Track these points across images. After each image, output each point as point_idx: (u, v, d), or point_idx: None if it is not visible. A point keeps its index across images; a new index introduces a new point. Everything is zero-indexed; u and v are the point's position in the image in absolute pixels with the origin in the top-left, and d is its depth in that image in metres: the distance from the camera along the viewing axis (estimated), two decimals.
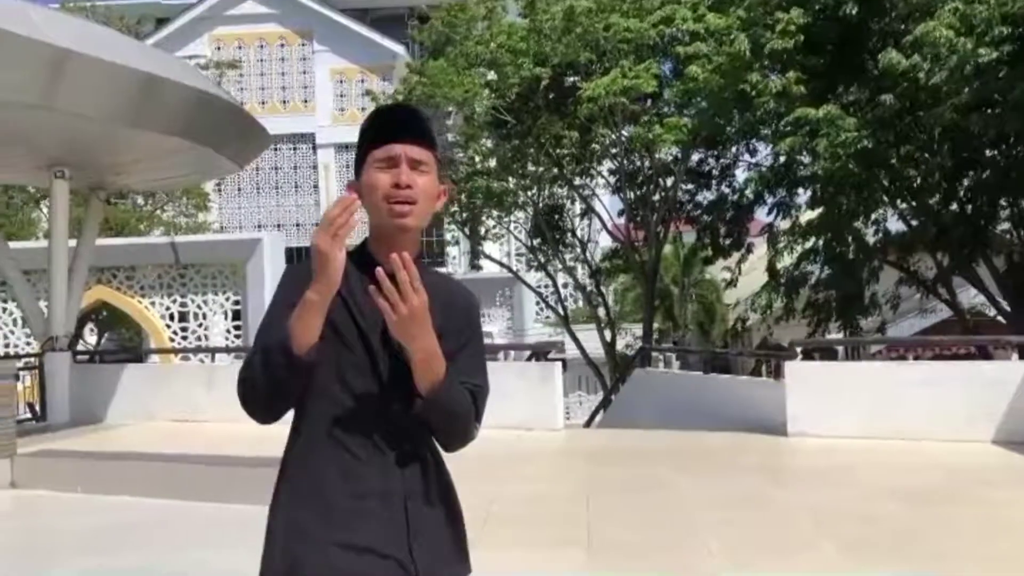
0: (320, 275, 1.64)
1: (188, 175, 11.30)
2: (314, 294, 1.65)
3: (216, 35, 28.11)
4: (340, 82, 28.16)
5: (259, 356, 1.69)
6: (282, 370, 1.66)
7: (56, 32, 7.39)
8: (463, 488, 6.03)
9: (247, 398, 1.75)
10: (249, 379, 1.73)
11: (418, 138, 1.82)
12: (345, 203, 1.65)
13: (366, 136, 1.84)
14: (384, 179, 1.75)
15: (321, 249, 1.64)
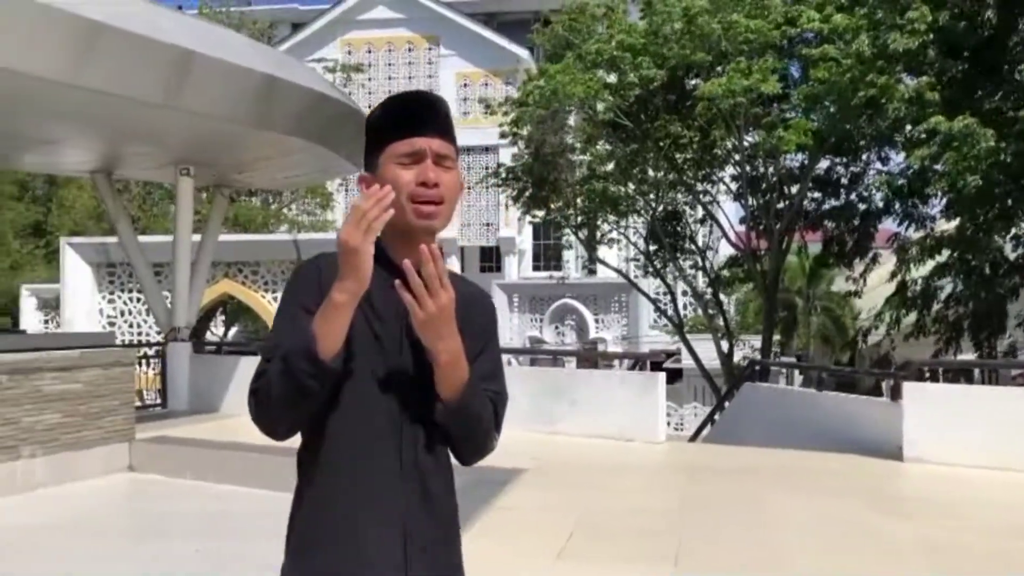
0: (349, 273, 1.51)
1: (308, 174, 11.60)
2: (342, 294, 1.51)
3: (347, 39, 28.92)
4: (464, 86, 28.48)
5: (278, 364, 1.53)
6: (306, 378, 1.51)
7: (181, 34, 7.67)
8: (555, 497, 5.95)
9: (261, 412, 1.58)
10: (263, 390, 1.56)
11: (442, 131, 1.68)
12: (378, 195, 1.52)
13: (383, 128, 1.68)
14: (407, 176, 1.62)
15: (351, 245, 1.50)
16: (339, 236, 1.52)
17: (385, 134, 1.66)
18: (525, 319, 25.78)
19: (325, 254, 1.68)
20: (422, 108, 1.69)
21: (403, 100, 1.71)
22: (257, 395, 1.58)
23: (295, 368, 1.51)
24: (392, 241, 1.64)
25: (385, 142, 1.65)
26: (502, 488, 6.20)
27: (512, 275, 27.94)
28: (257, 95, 8.37)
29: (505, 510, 5.68)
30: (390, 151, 1.64)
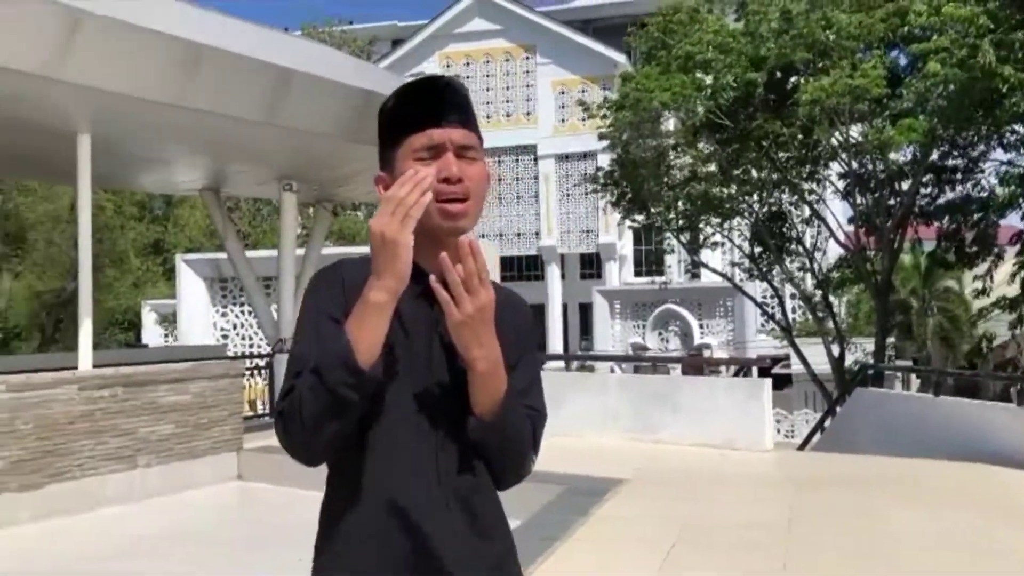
0: (387, 268, 1.35)
1: None
2: (381, 293, 1.35)
3: (445, 53, 29.31)
4: (562, 93, 28.48)
5: (309, 378, 1.36)
6: (344, 389, 1.34)
7: (279, 52, 7.86)
8: (657, 507, 5.77)
9: (293, 433, 1.39)
10: (293, 410, 1.38)
11: (463, 119, 1.51)
12: (415, 179, 1.36)
13: (397, 120, 1.51)
14: (431, 172, 1.43)
15: (388, 236, 1.34)
16: (372, 228, 1.36)
17: (400, 127, 1.50)
18: (627, 326, 25.53)
19: (346, 260, 1.54)
20: (438, 95, 1.51)
21: (417, 88, 1.53)
22: (285, 416, 1.39)
23: (331, 380, 1.34)
24: (418, 247, 1.40)
25: (401, 136, 1.49)
26: (602, 498, 6.09)
27: (613, 281, 27.72)
28: (354, 110, 8.49)
29: (605, 520, 5.57)
30: (407, 145, 1.48)
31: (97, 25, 6.54)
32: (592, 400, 8.76)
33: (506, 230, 29.23)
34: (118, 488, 7.53)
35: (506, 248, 28.94)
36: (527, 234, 29.17)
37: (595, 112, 16.98)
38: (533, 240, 28.98)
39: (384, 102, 1.55)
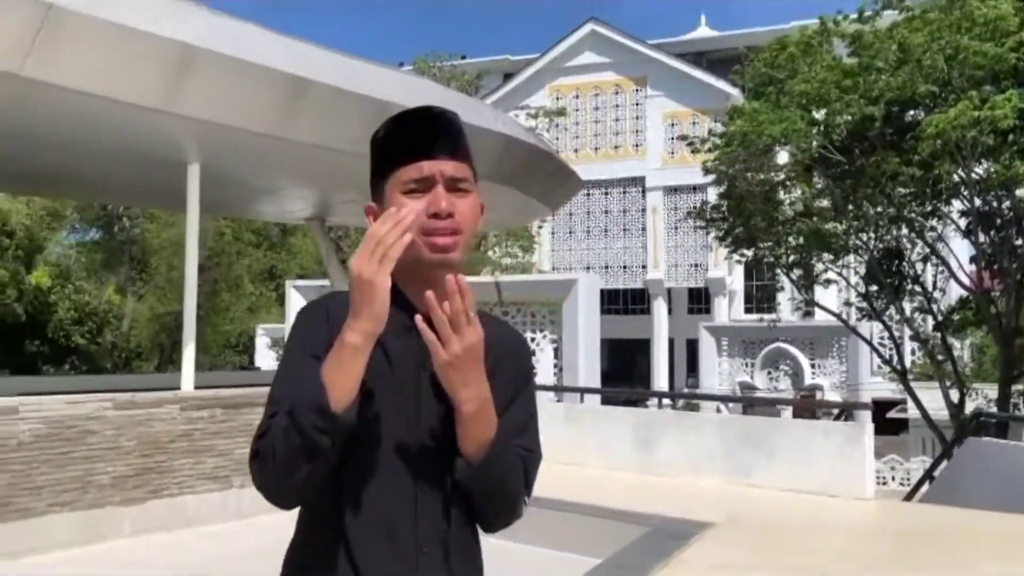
0: (363, 310, 1.30)
1: (504, 217, 11.81)
2: (355, 335, 1.30)
3: (555, 86, 29.55)
4: (672, 125, 28.27)
5: (284, 419, 1.31)
6: (315, 433, 1.29)
7: (378, 86, 8.04)
8: (741, 554, 5.55)
9: (265, 475, 1.35)
10: (267, 450, 1.33)
11: (454, 151, 1.48)
12: (396, 218, 1.32)
13: (388, 150, 1.48)
14: (417, 207, 1.41)
15: (364, 277, 1.30)
16: (351, 267, 1.33)
17: (390, 158, 1.47)
18: (735, 363, 24.90)
19: (334, 294, 1.51)
20: (429, 126, 1.48)
21: (408, 118, 1.50)
22: (259, 456, 1.35)
23: (303, 423, 1.29)
24: (407, 280, 1.42)
25: (391, 167, 1.46)
26: (686, 541, 5.89)
27: (722, 317, 27.15)
28: None
29: (685, 564, 5.37)
30: (396, 177, 1.45)
31: (207, 60, 6.84)
32: (686, 440, 8.54)
33: (612, 263, 29.09)
34: (213, 507, 7.74)
35: (611, 281, 28.77)
36: (633, 267, 28.95)
37: (699, 147, 16.75)
38: (639, 273, 28.74)
39: (376, 132, 1.53)
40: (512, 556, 6.76)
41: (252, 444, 1.38)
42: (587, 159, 29.03)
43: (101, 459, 7.14)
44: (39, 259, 18.66)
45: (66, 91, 6.23)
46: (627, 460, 8.88)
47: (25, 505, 6.59)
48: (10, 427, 6.57)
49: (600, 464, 9.08)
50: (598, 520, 6.73)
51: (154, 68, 6.60)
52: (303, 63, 7.51)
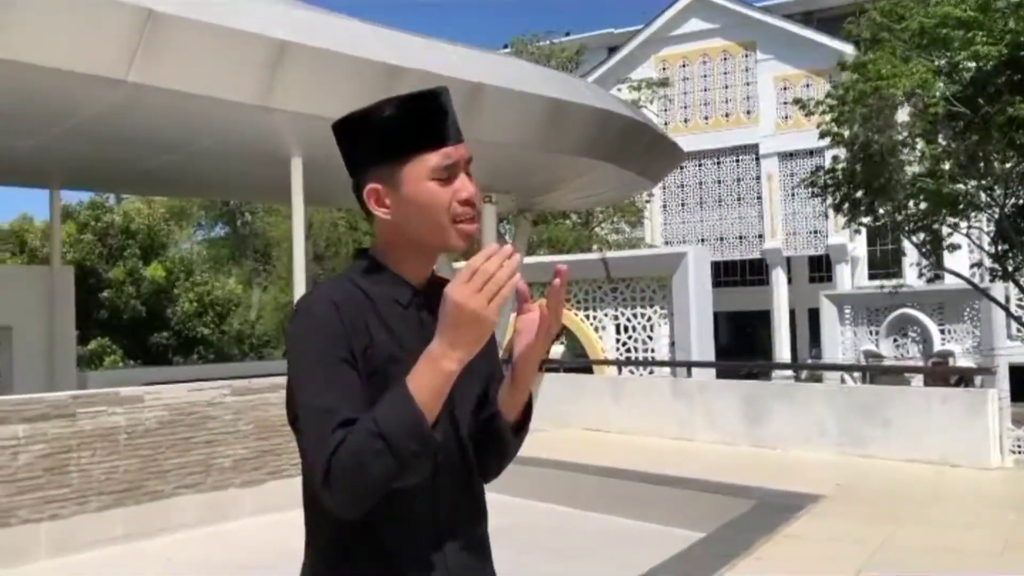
0: (469, 343, 1.31)
1: (604, 192, 11.72)
2: (455, 364, 1.31)
3: (661, 56, 28.99)
4: (784, 89, 27.33)
5: (374, 442, 1.29)
6: (412, 458, 1.30)
7: (470, 68, 8.09)
8: (852, 527, 5.42)
9: (346, 492, 1.32)
10: (348, 469, 1.30)
11: (460, 133, 1.49)
12: (504, 256, 1.30)
13: (402, 134, 1.43)
14: (445, 194, 1.42)
15: (476, 312, 1.28)
16: (456, 300, 1.29)
17: (408, 142, 1.43)
18: (860, 332, 23.99)
19: (327, 287, 1.48)
20: (443, 109, 1.47)
21: (420, 100, 1.46)
22: (336, 474, 1.30)
23: (401, 449, 1.29)
24: (401, 257, 1.47)
25: (407, 151, 1.43)
26: (794, 515, 5.74)
27: (845, 285, 26.18)
28: (544, 119, 8.59)
29: (791, 539, 5.24)
30: (420, 163, 1.43)
31: (301, 55, 7.03)
32: (796, 412, 8.30)
33: (727, 233, 28.45)
34: None
35: (727, 252, 28.14)
36: (750, 237, 28.23)
37: (813, 109, 16.10)
38: (756, 243, 27.99)
39: (373, 111, 1.46)
40: (616, 531, 6.75)
41: (321, 457, 1.32)
42: (697, 129, 28.40)
43: (221, 443, 7.50)
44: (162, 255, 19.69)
45: (169, 93, 6.53)
46: (736, 433, 8.71)
47: (154, 488, 6.99)
48: (137, 415, 6.96)
49: (709, 438, 8.94)
50: (704, 494, 6.63)
51: (250, 65, 6.83)
52: (396, 51, 7.63)
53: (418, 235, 1.45)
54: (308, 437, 1.35)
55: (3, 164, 8.78)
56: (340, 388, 1.36)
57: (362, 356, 1.40)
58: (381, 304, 1.45)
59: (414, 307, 1.46)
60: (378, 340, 1.42)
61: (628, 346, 14.99)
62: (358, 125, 1.47)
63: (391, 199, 1.44)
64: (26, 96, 6.49)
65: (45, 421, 6.36)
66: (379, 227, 1.49)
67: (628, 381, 10.61)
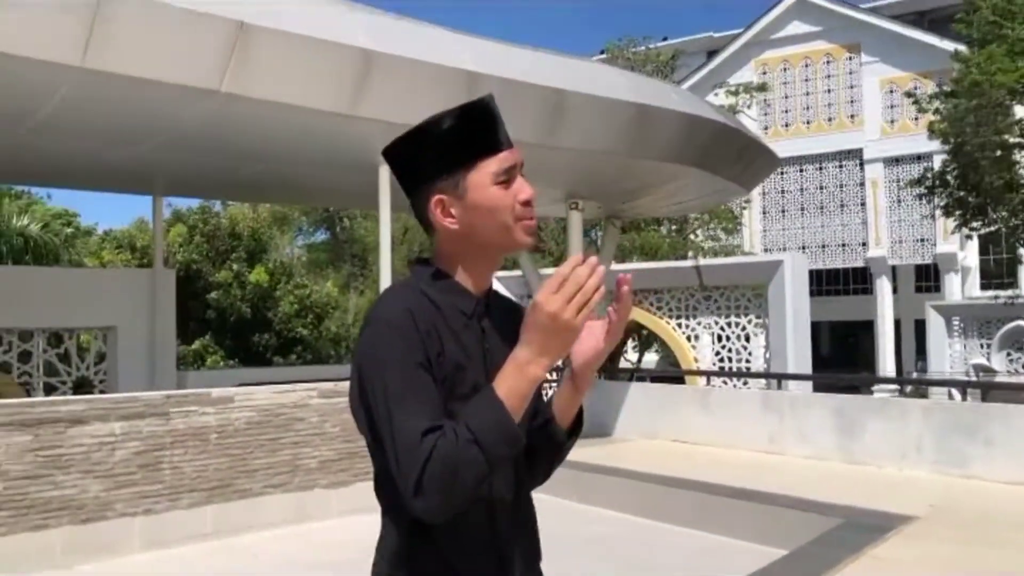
0: (558, 350, 1.37)
1: (696, 199, 11.52)
2: (542, 371, 1.37)
3: (761, 60, 28.40)
4: (890, 92, 26.40)
5: (469, 448, 1.33)
6: (502, 461, 1.37)
7: (554, 75, 8.07)
8: (943, 550, 5.20)
9: (444, 498, 1.34)
10: (446, 477, 1.33)
11: (510, 139, 1.56)
12: (592, 266, 1.34)
13: (460, 143, 1.50)
14: (508, 197, 1.49)
15: (566, 322, 1.33)
16: (545, 308, 1.34)
17: (467, 150, 1.50)
18: (970, 345, 22.93)
19: (398, 294, 1.52)
20: (495, 118, 1.54)
21: (475, 111, 1.53)
22: (430, 483, 1.33)
23: (495, 454, 1.35)
24: (471, 264, 1.54)
25: (471, 158, 1.49)
26: (882, 536, 5.51)
27: (954, 295, 25.09)
28: (629, 125, 8.49)
29: (877, 561, 5.02)
30: (482, 170, 1.49)
31: (386, 63, 7.14)
32: (891, 427, 7.97)
33: (829, 241, 27.63)
34: None
35: (829, 260, 27.33)
36: (852, 245, 27.35)
37: (925, 105, 15.45)
38: (859, 251, 27.09)
39: (430, 125, 1.52)
40: (698, 546, 6.61)
41: (412, 468, 1.34)
42: (798, 133, 27.69)
43: (308, 444, 7.66)
44: (264, 259, 20.33)
45: (260, 103, 6.71)
46: (828, 448, 8.42)
47: (242, 486, 7.19)
48: (227, 415, 7.18)
49: (800, 452, 8.67)
50: (790, 511, 6.42)
51: (338, 75, 6.97)
52: (478, 57, 7.67)
53: (486, 238, 1.51)
54: (396, 445, 1.37)
55: (112, 172, 9.21)
56: (422, 395, 1.40)
57: (436, 361, 1.44)
58: (447, 313, 1.50)
59: (476, 316, 1.54)
60: (448, 348, 1.46)
61: (721, 356, 14.70)
62: (417, 143, 1.53)
63: (456, 208, 1.50)
64: (130, 108, 6.78)
65: (140, 419, 6.62)
66: (443, 238, 1.54)
67: (717, 392, 10.38)
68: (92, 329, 11.25)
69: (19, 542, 5.96)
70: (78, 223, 22.04)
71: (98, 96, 6.35)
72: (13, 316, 10.21)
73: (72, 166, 8.84)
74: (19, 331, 10.46)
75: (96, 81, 5.95)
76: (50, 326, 10.69)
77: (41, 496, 6.10)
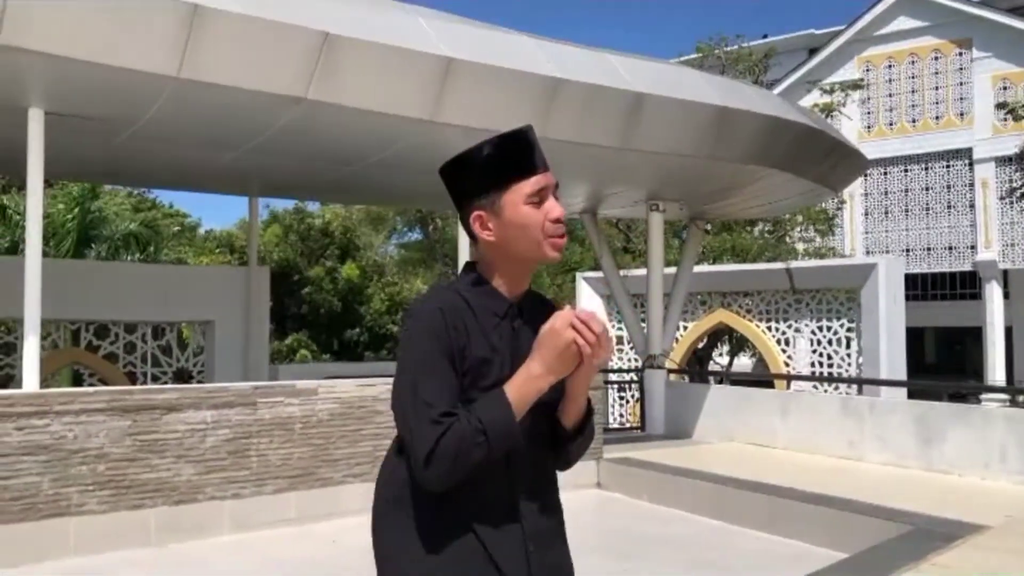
0: (563, 369, 1.65)
1: (782, 201, 11.38)
2: (546, 383, 1.65)
3: (864, 57, 27.59)
4: (1004, 89, 25.29)
5: (475, 434, 1.60)
6: (502, 451, 1.64)
7: (633, 78, 8.14)
8: (1007, 561, 5.20)
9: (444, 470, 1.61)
10: (451, 452, 1.60)
11: (547, 163, 1.77)
12: (601, 323, 1.64)
13: (499, 167, 1.73)
14: (539, 215, 1.72)
15: (577, 350, 1.63)
16: (565, 337, 1.62)
17: (505, 174, 1.72)
18: None
19: (436, 295, 1.78)
20: (531, 144, 1.76)
21: (513, 139, 1.76)
22: (440, 455, 1.60)
23: (497, 445, 1.61)
24: (504, 272, 1.77)
25: (505, 182, 1.72)
26: (948, 544, 5.42)
27: None
28: (710, 128, 8.50)
29: (939, 568, 4.96)
30: (516, 191, 1.71)
31: (466, 70, 7.35)
32: (975, 436, 7.76)
33: (935, 244, 26.66)
34: None
35: (935, 264, 26.38)
36: (960, 248, 26.32)
37: (1021, 112, 14.87)
38: (968, 254, 26.05)
39: (474, 151, 1.77)
40: (761, 548, 6.60)
41: (425, 442, 1.61)
42: (903, 132, 26.79)
43: (387, 436, 7.93)
44: (357, 256, 20.90)
45: (344, 110, 7.02)
46: (908, 455, 8.25)
47: (324, 475, 7.53)
48: (312, 406, 7.52)
49: (878, 459, 8.51)
50: (858, 516, 6.36)
51: (419, 82, 7.21)
52: (558, 63, 7.81)
53: (518, 251, 1.73)
54: (414, 421, 1.64)
55: (211, 174, 9.73)
56: (442, 382, 1.65)
57: (459, 355, 1.68)
58: (480, 313, 1.73)
59: (508, 317, 1.76)
60: (474, 343, 1.69)
61: (812, 360, 14.44)
62: (463, 165, 1.78)
63: (494, 223, 1.72)
64: (226, 114, 7.18)
65: (230, 408, 7.01)
66: (483, 248, 1.78)
67: (797, 396, 10.26)
68: (192, 323, 11.86)
69: (118, 519, 6.41)
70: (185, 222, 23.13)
71: (193, 104, 6.76)
72: (119, 309, 10.88)
73: (172, 169, 9.38)
74: (125, 324, 11.13)
75: (191, 90, 6.35)
76: (153, 319, 11.34)
77: (139, 478, 6.54)
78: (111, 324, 11.05)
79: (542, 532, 1.76)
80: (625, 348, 15.90)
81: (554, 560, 1.79)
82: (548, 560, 1.76)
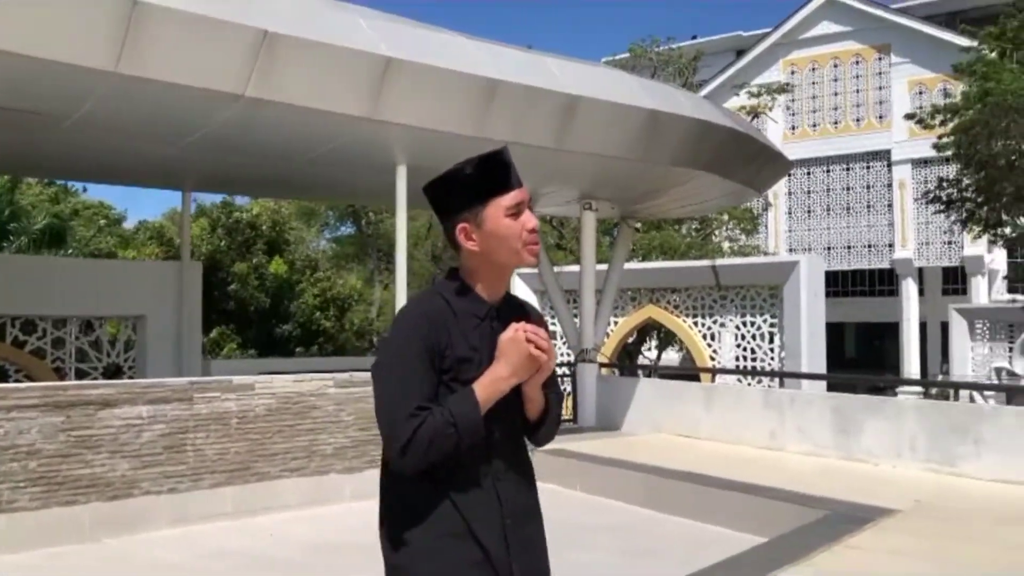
0: (524, 373, 1.91)
1: (709, 201, 11.76)
2: (510, 384, 1.90)
3: (790, 60, 28.40)
4: (920, 93, 26.31)
5: (447, 426, 1.83)
6: (469, 444, 1.86)
7: (570, 81, 8.35)
8: (921, 543, 5.51)
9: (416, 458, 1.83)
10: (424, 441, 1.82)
11: (520, 180, 1.98)
12: (543, 332, 1.92)
13: (482, 184, 1.93)
14: (517, 226, 1.93)
15: (535, 359, 1.90)
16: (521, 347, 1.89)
17: (486, 189, 1.93)
18: (995, 348, 22.87)
19: (422, 300, 2.00)
20: (508, 163, 1.98)
21: (492, 159, 1.97)
22: (415, 443, 1.82)
23: (466, 439, 1.84)
24: (483, 277, 1.98)
25: (487, 196, 1.92)
26: (860, 527, 5.77)
27: (981, 298, 25.00)
28: (641, 130, 8.76)
29: (852, 550, 5.29)
30: (496, 204, 1.92)
31: (405, 69, 7.44)
32: (886, 426, 8.19)
33: (855, 242, 27.60)
34: None
35: (854, 261, 27.33)
36: (879, 246, 27.31)
37: (930, 122, 15.57)
38: (886, 252, 27.05)
39: (456, 171, 1.96)
40: (686, 533, 6.88)
41: (402, 433, 1.84)
42: (826, 134, 27.68)
43: (324, 431, 8.03)
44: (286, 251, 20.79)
45: (283, 107, 7.07)
46: (826, 445, 8.66)
47: (261, 470, 7.57)
48: (248, 401, 7.56)
49: (799, 449, 8.91)
50: (777, 503, 6.68)
51: (359, 81, 7.29)
52: (496, 64, 7.97)
53: (499, 258, 1.95)
54: (395, 414, 1.86)
55: (146, 169, 9.65)
56: (420, 380, 1.87)
57: (439, 355, 1.89)
58: (462, 316, 1.94)
59: (488, 319, 1.97)
60: (456, 343, 1.91)
61: (737, 355, 14.91)
62: (448, 183, 1.97)
63: (477, 234, 1.93)
64: (164, 109, 7.15)
65: (166, 404, 7.02)
66: (466, 257, 1.98)
67: (721, 389, 10.63)
68: (123, 318, 11.71)
69: (51, 516, 6.37)
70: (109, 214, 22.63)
71: (131, 99, 6.73)
72: (47, 304, 10.69)
73: (107, 163, 9.28)
74: (53, 319, 10.94)
75: (129, 85, 6.33)
76: (83, 314, 11.17)
77: (72, 474, 6.50)
78: (38, 319, 10.85)
79: (519, 509, 1.97)
80: (558, 343, 16.16)
81: (529, 534, 2.00)
82: (523, 534, 1.97)
